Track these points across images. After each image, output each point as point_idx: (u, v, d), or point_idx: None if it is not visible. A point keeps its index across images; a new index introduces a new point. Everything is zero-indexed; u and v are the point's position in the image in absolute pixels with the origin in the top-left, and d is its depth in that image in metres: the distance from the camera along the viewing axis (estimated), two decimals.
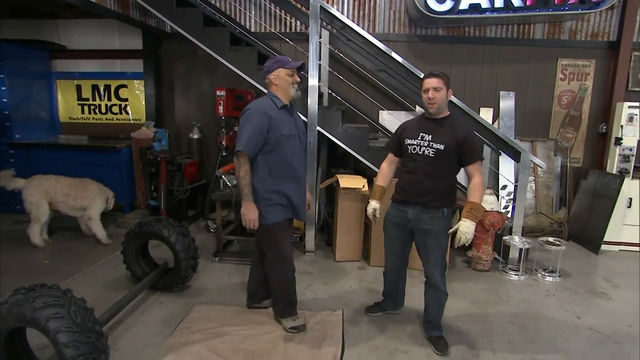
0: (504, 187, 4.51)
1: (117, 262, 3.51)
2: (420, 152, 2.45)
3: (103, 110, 5.70)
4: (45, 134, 5.57)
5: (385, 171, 2.72)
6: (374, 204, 2.68)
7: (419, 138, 2.46)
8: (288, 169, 2.51)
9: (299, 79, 2.54)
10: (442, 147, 2.39)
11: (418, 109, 4.89)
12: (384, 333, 2.70)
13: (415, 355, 2.48)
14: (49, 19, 5.37)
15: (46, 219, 4.01)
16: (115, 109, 5.69)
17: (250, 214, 2.43)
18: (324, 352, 2.38)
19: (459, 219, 2.34)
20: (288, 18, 5.13)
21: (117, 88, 5.63)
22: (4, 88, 4.98)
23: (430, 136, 2.43)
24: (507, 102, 5.01)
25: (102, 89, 5.64)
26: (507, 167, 4.50)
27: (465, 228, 2.29)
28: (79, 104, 5.71)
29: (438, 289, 2.52)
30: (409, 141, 2.50)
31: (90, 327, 1.85)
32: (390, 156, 2.70)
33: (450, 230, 2.39)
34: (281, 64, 2.49)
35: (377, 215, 2.68)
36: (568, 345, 2.64)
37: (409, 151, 2.50)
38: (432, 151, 2.41)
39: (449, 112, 2.49)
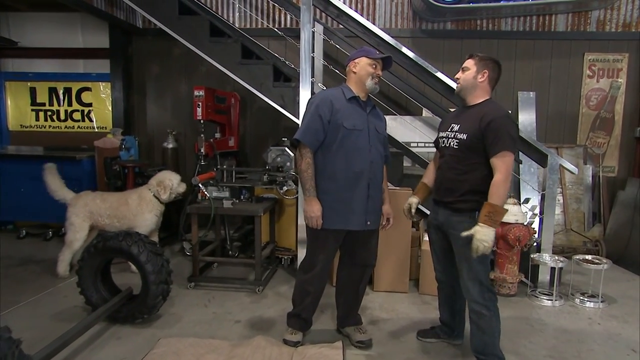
0: (527, 200, 4.35)
1: (66, 290, 3.33)
2: (448, 145, 2.43)
3: (62, 117, 5.59)
4: None
5: (430, 168, 2.73)
6: (412, 199, 2.67)
7: (449, 129, 2.45)
8: (346, 166, 2.46)
9: (380, 72, 2.57)
10: (464, 136, 2.33)
11: (424, 113, 4.80)
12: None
13: None
14: None
15: (79, 246, 3.72)
16: (77, 116, 5.58)
17: (311, 211, 2.42)
18: None
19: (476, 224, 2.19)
20: (277, 13, 5.11)
21: (79, 91, 5.54)
22: None
23: (458, 126, 2.40)
24: (526, 104, 4.93)
25: (61, 92, 5.55)
26: (528, 177, 4.35)
27: (482, 235, 2.14)
28: (32, 110, 5.61)
29: (476, 310, 2.35)
30: (441, 134, 2.53)
31: None
32: (436, 152, 2.70)
33: (464, 234, 2.20)
34: (365, 53, 2.58)
35: (413, 212, 2.65)
36: None
37: (440, 145, 2.52)
38: (456, 142, 2.36)
39: (486, 98, 2.41)
